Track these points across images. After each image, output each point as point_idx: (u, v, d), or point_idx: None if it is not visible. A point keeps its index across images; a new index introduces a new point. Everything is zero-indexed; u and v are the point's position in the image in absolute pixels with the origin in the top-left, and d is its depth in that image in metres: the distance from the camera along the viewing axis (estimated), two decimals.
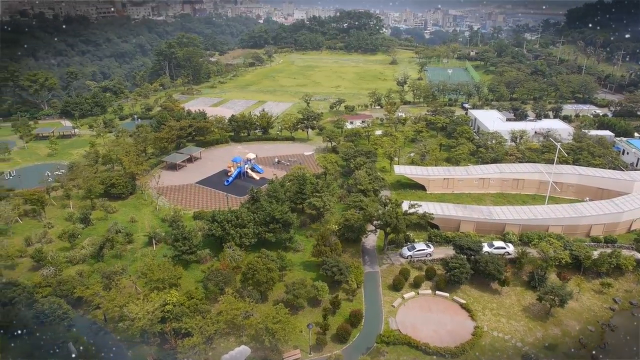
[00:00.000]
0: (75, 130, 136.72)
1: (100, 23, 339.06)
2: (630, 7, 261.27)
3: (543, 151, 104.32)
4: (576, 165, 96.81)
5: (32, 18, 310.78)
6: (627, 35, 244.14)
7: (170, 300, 57.15)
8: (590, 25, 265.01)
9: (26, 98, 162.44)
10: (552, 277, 67.35)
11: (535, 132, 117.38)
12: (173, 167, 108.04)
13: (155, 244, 76.56)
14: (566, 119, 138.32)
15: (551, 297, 60.33)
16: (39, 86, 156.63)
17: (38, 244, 75.78)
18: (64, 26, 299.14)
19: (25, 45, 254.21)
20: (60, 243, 76.51)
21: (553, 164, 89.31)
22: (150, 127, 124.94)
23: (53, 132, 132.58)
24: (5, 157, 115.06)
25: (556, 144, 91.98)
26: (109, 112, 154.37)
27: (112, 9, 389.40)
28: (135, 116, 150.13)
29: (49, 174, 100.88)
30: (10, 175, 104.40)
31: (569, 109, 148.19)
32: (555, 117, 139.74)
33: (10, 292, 61.18)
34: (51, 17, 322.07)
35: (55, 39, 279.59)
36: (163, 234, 77.78)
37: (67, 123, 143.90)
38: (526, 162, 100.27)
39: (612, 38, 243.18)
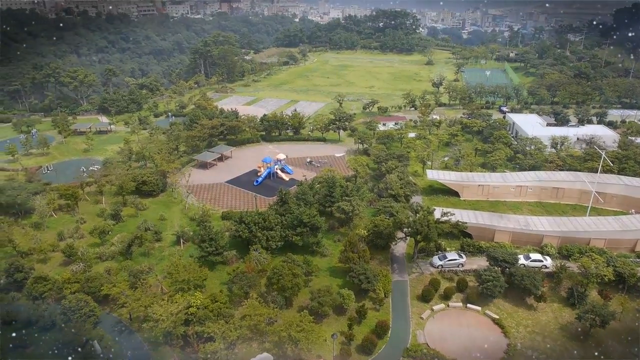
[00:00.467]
0: (111, 126, 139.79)
1: (141, 21, 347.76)
2: None
3: (585, 159, 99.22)
4: (621, 175, 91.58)
5: (76, 16, 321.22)
6: None
7: (194, 302, 56.74)
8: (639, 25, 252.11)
9: (66, 94, 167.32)
10: (593, 295, 63.46)
11: (578, 139, 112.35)
12: (204, 165, 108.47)
13: (183, 243, 76.69)
14: (611, 125, 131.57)
15: (591, 316, 56.59)
16: (79, 82, 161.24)
17: (70, 239, 77.21)
18: (106, 24, 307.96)
19: (69, 43, 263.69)
20: (91, 239, 77.75)
21: (596, 172, 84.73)
22: (183, 125, 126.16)
23: (90, 128, 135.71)
24: (44, 151, 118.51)
25: (600, 151, 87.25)
26: (144, 109, 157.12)
27: (152, 7, 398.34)
28: (170, 114, 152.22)
29: (84, 169, 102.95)
30: (48, 170, 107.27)
31: (614, 114, 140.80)
32: (599, 122, 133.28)
33: (40, 287, 62.47)
34: (94, 15, 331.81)
35: (97, 36, 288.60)
36: (191, 233, 77.88)
37: (103, 119, 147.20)
38: (567, 170, 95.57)
39: None
